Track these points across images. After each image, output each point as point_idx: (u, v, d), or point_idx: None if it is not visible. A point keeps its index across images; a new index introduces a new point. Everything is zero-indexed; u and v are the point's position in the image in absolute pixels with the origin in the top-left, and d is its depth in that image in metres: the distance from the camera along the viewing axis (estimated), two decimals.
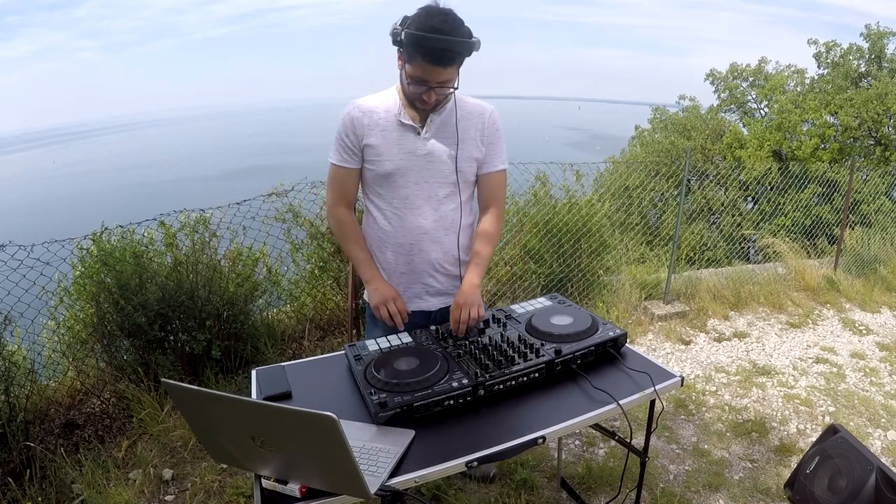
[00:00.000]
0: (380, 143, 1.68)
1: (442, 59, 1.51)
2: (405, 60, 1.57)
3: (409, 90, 1.60)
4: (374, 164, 1.70)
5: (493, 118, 1.76)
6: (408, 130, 1.68)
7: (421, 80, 1.55)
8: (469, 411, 1.43)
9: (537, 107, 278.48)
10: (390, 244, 1.77)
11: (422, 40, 1.49)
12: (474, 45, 1.54)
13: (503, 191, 1.86)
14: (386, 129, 1.68)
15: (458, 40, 1.51)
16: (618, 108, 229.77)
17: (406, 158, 1.69)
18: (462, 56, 1.56)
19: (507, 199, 4.22)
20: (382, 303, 1.75)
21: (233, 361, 3.13)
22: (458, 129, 1.69)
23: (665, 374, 1.57)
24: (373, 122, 1.68)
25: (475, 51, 1.55)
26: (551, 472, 2.43)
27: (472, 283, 1.74)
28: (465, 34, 1.53)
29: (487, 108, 1.76)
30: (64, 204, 40.78)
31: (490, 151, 1.76)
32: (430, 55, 1.50)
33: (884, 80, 13.04)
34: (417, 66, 1.53)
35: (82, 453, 2.54)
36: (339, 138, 1.71)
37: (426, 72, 1.53)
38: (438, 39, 1.48)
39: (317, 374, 1.67)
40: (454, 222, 1.77)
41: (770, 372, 3.41)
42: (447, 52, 1.51)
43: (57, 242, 2.80)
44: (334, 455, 1.03)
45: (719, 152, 14.63)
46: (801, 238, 5.86)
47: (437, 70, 1.53)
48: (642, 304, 4.29)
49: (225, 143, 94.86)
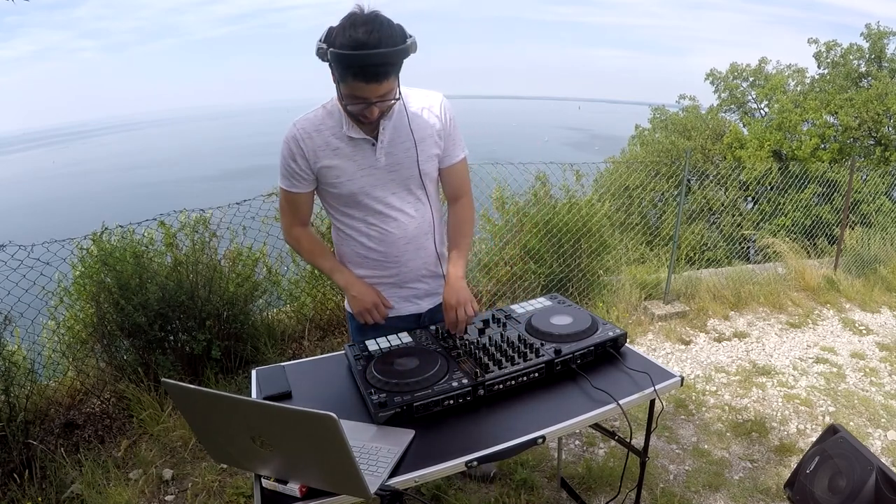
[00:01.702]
0: (335, 165, 1.57)
1: (376, 76, 1.37)
2: (338, 79, 1.42)
3: (348, 108, 1.48)
4: (335, 187, 1.60)
5: (446, 108, 1.64)
6: (361, 144, 1.57)
7: (359, 98, 1.42)
8: (469, 411, 1.43)
9: (537, 107, 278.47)
10: (374, 259, 1.70)
11: (349, 59, 1.34)
12: (409, 50, 1.39)
13: (468, 177, 1.78)
14: (338, 149, 1.56)
15: (389, 52, 1.34)
16: (618, 108, 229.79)
17: (367, 174, 1.58)
18: (397, 66, 1.41)
19: (507, 200, 4.23)
20: (364, 310, 1.70)
21: (233, 361, 3.13)
22: (412, 129, 1.58)
23: (665, 374, 1.57)
24: (322, 142, 1.56)
25: (412, 53, 1.40)
26: (551, 472, 2.43)
27: (458, 277, 1.67)
28: (397, 40, 1.36)
29: (437, 99, 1.63)
30: (64, 204, 40.80)
31: (449, 143, 1.67)
32: (362, 74, 1.36)
33: (884, 80, 13.04)
34: (350, 84, 1.39)
35: (82, 453, 2.54)
36: (284, 164, 1.59)
37: (362, 90, 1.40)
38: (367, 56, 1.33)
39: (317, 374, 1.67)
40: (430, 223, 1.71)
41: (770, 372, 3.41)
42: (379, 66, 1.36)
43: (57, 242, 2.81)
44: (334, 455, 1.03)
45: (719, 152, 14.63)
46: (801, 238, 5.86)
47: (372, 87, 1.39)
48: (642, 304, 4.29)
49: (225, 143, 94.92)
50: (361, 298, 1.69)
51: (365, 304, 1.69)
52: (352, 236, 1.69)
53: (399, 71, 1.43)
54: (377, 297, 1.71)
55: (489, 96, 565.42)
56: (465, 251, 1.74)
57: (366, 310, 1.70)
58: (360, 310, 1.70)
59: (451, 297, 1.65)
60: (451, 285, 1.67)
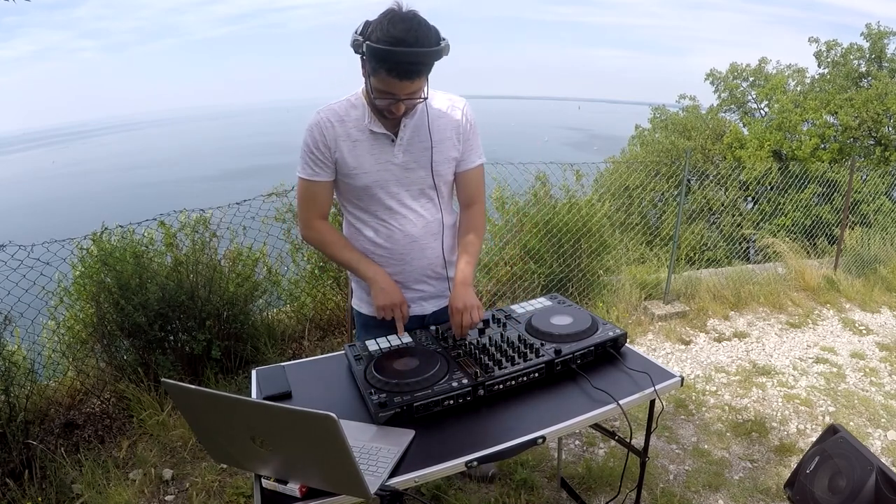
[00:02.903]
0: (353, 156, 1.58)
1: (409, 74, 1.40)
2: (369, 72, 1.44)
3: (375, 102, 1.50)
4: (350, 178, 1.61)
5: (468, 113, 1.67)
6: (381, 139, 1.58)
7: (387, 94, 1.45)
8: (469, 411, 1.43)
9: (537, 107, 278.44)
10: (379, 255, 1.69)
11: (385, 54, 1.36)
12: (443, 52, 1.41)
13: (483, 185, 1.79)
14: (358, 140, 1.58)
15: (425, 51, 1.37)
16: (618, 108, 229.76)
17: (383, 169, 1.60)
18: (430, 66, 1.44)
19: (507, 200, 4.23)
20: (390, 306, 1.66)
21: (233, 361, 3.13)
22: (431, 130, 1.60)
23: (665, 374, 1.57)
24: (344, 132, 1.57)
25: (444, 55, 1.43)
26: (551, 472, 2.43)
27: (466, 283, 1.65)
28: (433, 41, 1.39)
29: (460, 103, 1.66)
30: (64, 204, 40.79)
31: (467, 148, 1.68)
32: (396, 70, 1.38)
33: (884, 79, 13.04)
34: (382, 79, 1.42)
35: (82, 453, 2.54)
36: (307, 150, 1.59)
37: (392, 86, 1.42)
38: (403, 53, 1.35)
39: (317, 374, 1.66)
40: (439, 225, 1.71)
41: (770, 372, 3.41)
42: (413, 65, 1.39)
43: (57, 242, 2.81)
44: (334, 455, 1.03)
45: (719, 152, 14.63)
46: (801, 238, 5.86)
47: (403, 84, 1.42)
48: (642, 304, 4.29)
49: (225, 143, 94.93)
50: (390, 292, 1.66)
51: (393, 298, 1.66)
52: (360, 230, 1.70)
53: (430, 71, 1.46)
54: (403, 299, 1.69)
55: (489, 96, 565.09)
56: (474, 257, 1.73)
57: (392, 304, 1.66)
58: (386, 304, 1.66)
59: (457, 301, 1.63)
60: (458, 289, 1.65)
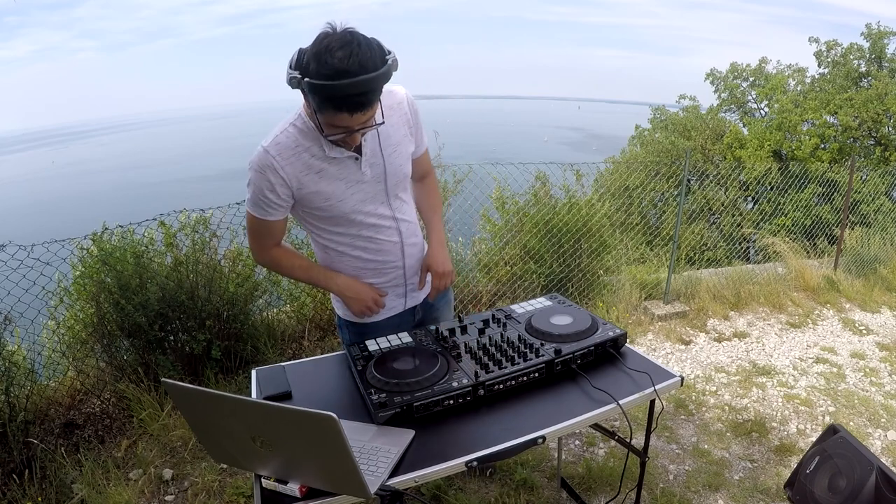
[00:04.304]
0: (323, 189, 1.46)
1: (360, 106, 1.26)
2: (314, 109, 1.30)
3: (328, 138, 1.37)
4: (324, 210, 1.51)
5: (411, 102, 1.57)
6: (345, 162, 1.47)
7: (340, 128, 1.32)
8: (469, 411, 1.43)
9: (537, 107, 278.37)
10: (372, 269, 1.66)
11: (328, 90, 1.21)
12: (391, 70, 1.27)
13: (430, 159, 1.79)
14: (323, 170, 1.45)
15: (371, 77, 1.22)
16: (617, 108, 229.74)
17: (357, 190, 1.51)
18: (380, 91, 1.30)
19: (507, 200, 4.24)
20: (367, 306, 1.66)
21: (233, 361, 3.13)
22: (389, 134, 1.52)
23: (665, 374, 1.57)
24: (302, 165, 1.43)
25: (394, 72, 1.28)
26: (551, 472, 2.43)
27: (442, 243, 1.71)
28: (377, 62, 1.23)
29: (401, 95, 1.55)
30: (64, 204, 40.76)
31: (418, 137, 1.63)
32: (345, 105, 1.25)
33: (884, 79, 13.03)
34: (331, 116, 1.29)
35: (82, 453, 2.54)
36: (259, 193, 1.44)
37: (343, 120, 1.29)
38: (348, 85, 1.20)
39: (317, 374, 1.67)
40: (414, 221, 1.71)
41: (770, 372, 3.41)
42: (362, 95, 1.24)
43: (57, 242, 2.81)
44: (334, 455, 1.03)
45: (719, 152, 14.62)
46: (801, 238, 5.86)
47: (356, 117, 1.28)
48: (642, 304, 4.29)
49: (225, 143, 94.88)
50: (360, 297, 1.66)
51: (365, 301, 1.66)
52: (345, 252, 1.62)
53: (380, 94, 1.32)
54: (371, 289, 1.68)
55: (489, 96, 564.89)
56: (440, 217, 1.77)
57: (367, 307, 1.67)
58: (362, 307, 1.67)
59: (438, 266, 1.69)
60: (436, 250, 1.70)
